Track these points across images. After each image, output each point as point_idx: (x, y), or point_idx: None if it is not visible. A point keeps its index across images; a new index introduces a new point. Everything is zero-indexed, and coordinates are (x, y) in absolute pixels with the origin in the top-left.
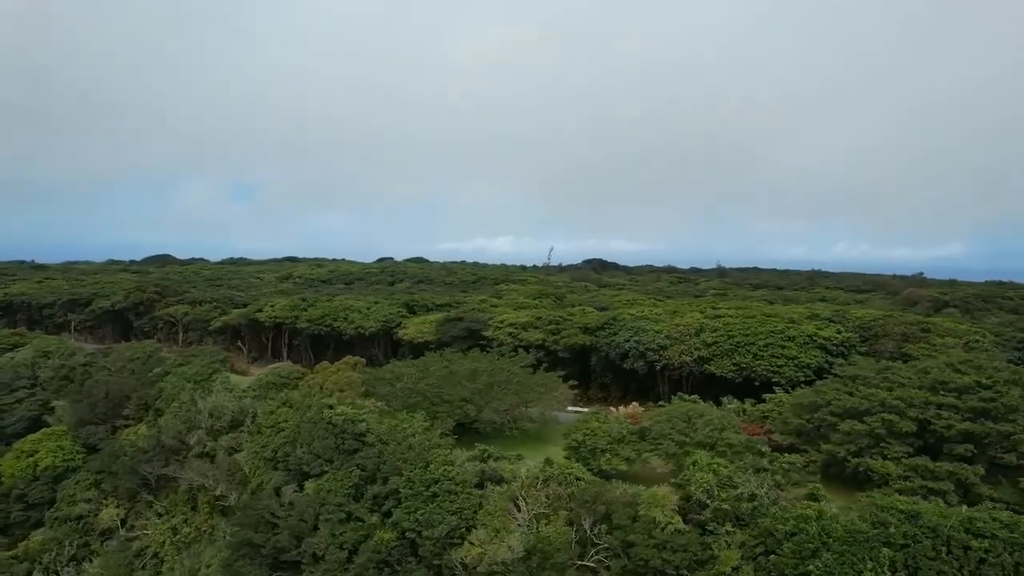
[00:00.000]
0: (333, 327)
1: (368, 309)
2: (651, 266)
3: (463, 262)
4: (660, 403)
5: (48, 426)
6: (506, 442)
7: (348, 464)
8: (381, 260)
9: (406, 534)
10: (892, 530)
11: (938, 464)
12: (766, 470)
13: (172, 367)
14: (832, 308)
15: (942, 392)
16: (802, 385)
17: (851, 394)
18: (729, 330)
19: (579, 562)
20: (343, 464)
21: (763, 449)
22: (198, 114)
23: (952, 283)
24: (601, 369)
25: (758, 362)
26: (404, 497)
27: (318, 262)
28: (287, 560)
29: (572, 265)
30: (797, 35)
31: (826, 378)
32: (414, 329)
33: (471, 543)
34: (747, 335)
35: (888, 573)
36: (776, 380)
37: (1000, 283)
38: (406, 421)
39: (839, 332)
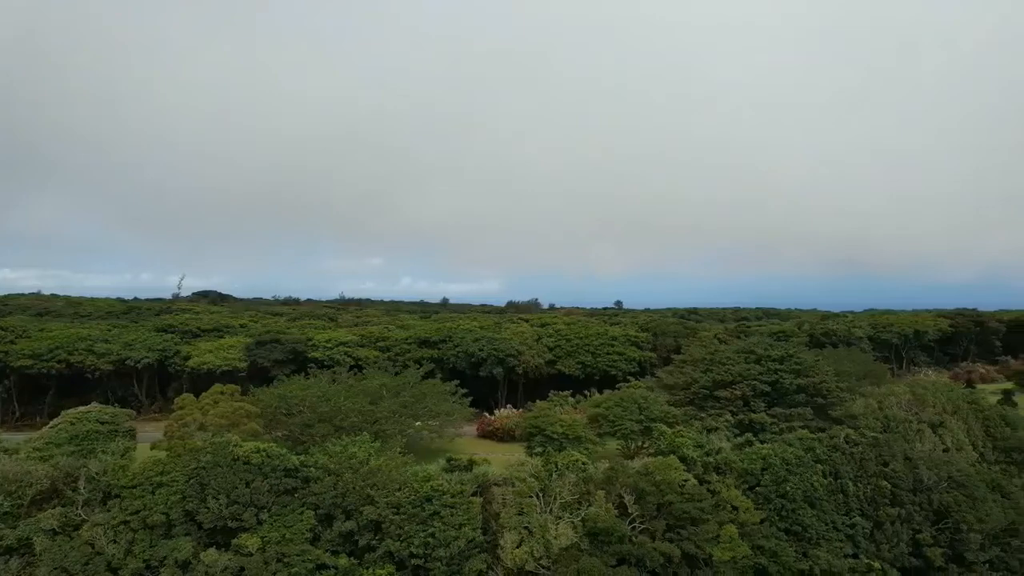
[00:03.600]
0: (70, 362)
1: (119, 337)
2: (260, 298)
3: (39, 293)
4: (521, 407)
5: None
6: (434, 454)
7: (292, 506)
8: None
9: (409, 562)
10: (818, 451)
11: (791, 411)
12: (716, 429)
13: None
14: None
15: (768, 362)
16: (632, 376)
17: (707, 371)
18: (565, 335)
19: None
20: (284, 507)
21: (700, 416)
22: None
23: (553, 307)
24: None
25: (598, 360)
26: (394, 524)
27: None
28: None
29: (185, 296)
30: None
31: (653, 369)
32: (213, 356)
33: (511, 548)
34: (581, 338)
35: (824, 479)
36: (614, 373)
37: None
38: (352, 445)
39: (638, 332)
